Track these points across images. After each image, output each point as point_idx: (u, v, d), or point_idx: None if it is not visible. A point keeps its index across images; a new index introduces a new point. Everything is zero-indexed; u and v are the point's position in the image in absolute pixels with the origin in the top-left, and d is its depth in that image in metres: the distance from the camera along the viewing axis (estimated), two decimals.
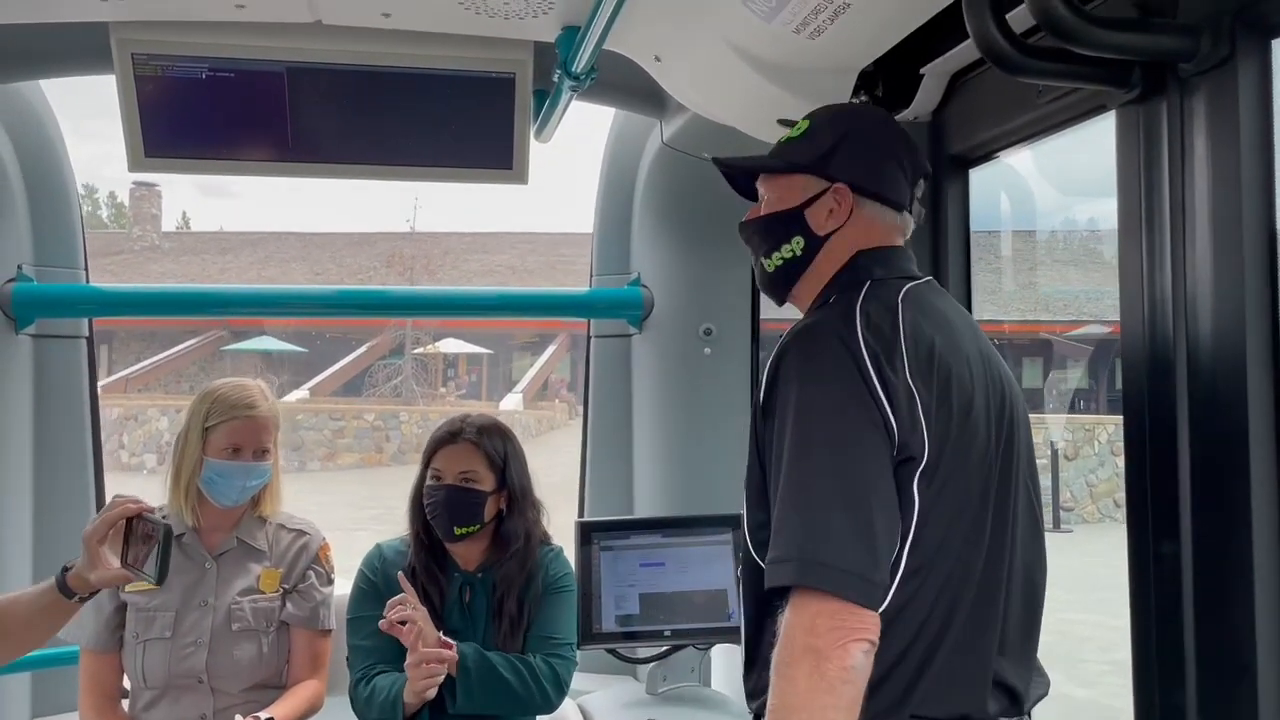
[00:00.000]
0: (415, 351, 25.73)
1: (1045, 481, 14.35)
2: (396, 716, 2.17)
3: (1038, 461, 1.59)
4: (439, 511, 2.30)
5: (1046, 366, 20.85)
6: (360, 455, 20.52)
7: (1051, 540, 1.55)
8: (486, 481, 2.31)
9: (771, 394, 1.39)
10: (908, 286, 1.47)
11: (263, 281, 26.50)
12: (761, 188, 1.64)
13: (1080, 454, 15.20)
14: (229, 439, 2.30)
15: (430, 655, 2.12)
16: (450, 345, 26.66)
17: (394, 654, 2.26)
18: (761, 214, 1.61)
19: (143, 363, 26.39)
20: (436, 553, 2.36)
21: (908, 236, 1.61)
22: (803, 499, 1.30)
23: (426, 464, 2.37)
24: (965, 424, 1.36)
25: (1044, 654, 1.54)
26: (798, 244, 1.56)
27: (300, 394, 24.30)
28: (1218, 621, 1.36)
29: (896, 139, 1.59)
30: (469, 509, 2.29)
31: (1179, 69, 1.40)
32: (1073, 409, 18.65)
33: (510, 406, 23.30)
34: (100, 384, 2.94)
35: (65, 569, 1.82)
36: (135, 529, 1.83)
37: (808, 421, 1.32)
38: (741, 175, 1.68)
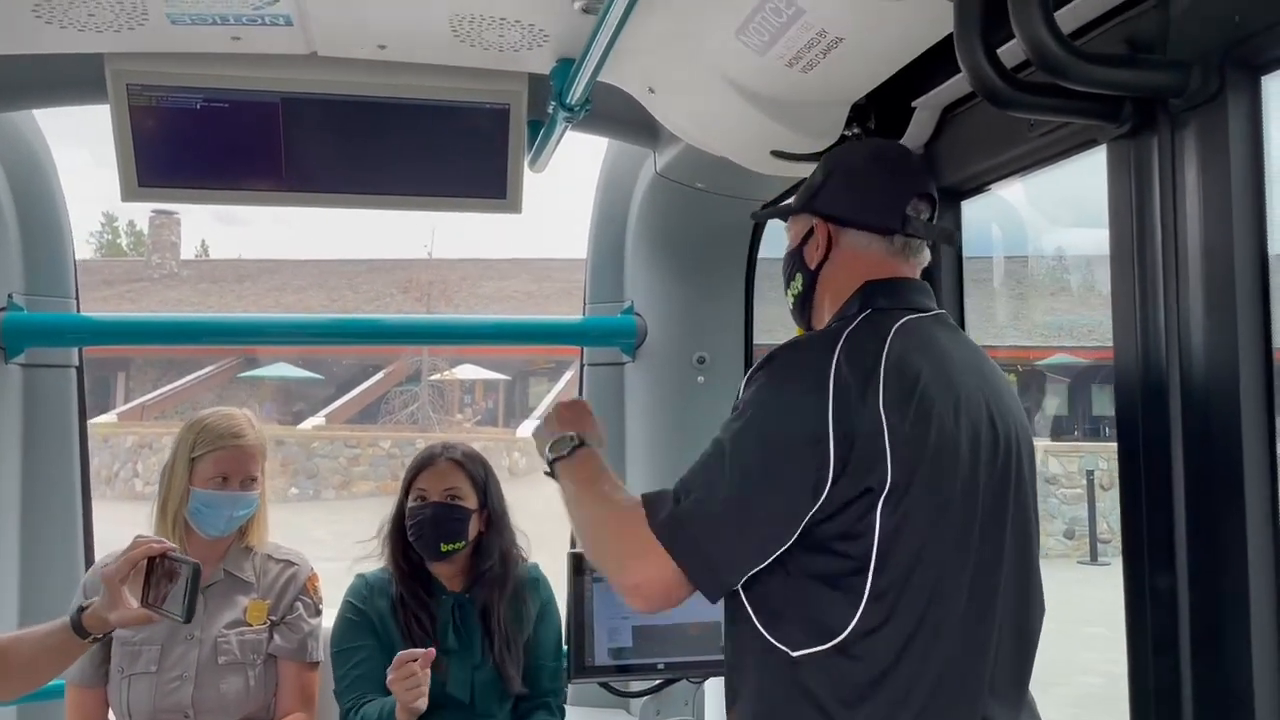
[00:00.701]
0: (431, 378, 25.57)
1: (1079, 512, 14.18)
2: None
3: (1073, 490, 1.60)
4: (425, 530, 2.31)
5: (1073, 393, 20.88)
6: (376, 484, 20.26)
7: (1087, 574, 1.56)
8: (470, 499, 2.36)
9: (738, 396, 1.47)
10: (908, 318, 1.50)
11: (279, 308, 26.53)
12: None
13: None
14: (216, 468, 2.29)
15: (406, 657, 2.13)
16: (467, 371, 26.52)
17: (383, 684, 2.25)
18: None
19: (159, 390, 26.31)
20: (421, 578, 2.37)
21: (919, 259, 1.63)
22: (709, 476, 1.39)
23: (407, 489, 2.39)
24: (941, 457, 1.37)
25: (1094, 700, 1.53)
26: (799, 280, 1.66)
27: (316, 421, 24.19)
28: (1214, 654, 1.36)
29: (882, 166, 1.62)
30: (455, 525, 2.33)
31: (1169, 104, 1.41)
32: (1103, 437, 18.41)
33: (527, 433, 23.11)
34: (117, 411, 2.94)
35: (80, 609, 1.83)
36: (156, 568, 1.85)
37: (752, 419, 1.40)
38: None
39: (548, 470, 1.71)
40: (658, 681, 2.71)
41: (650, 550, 1.37)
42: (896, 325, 1.46)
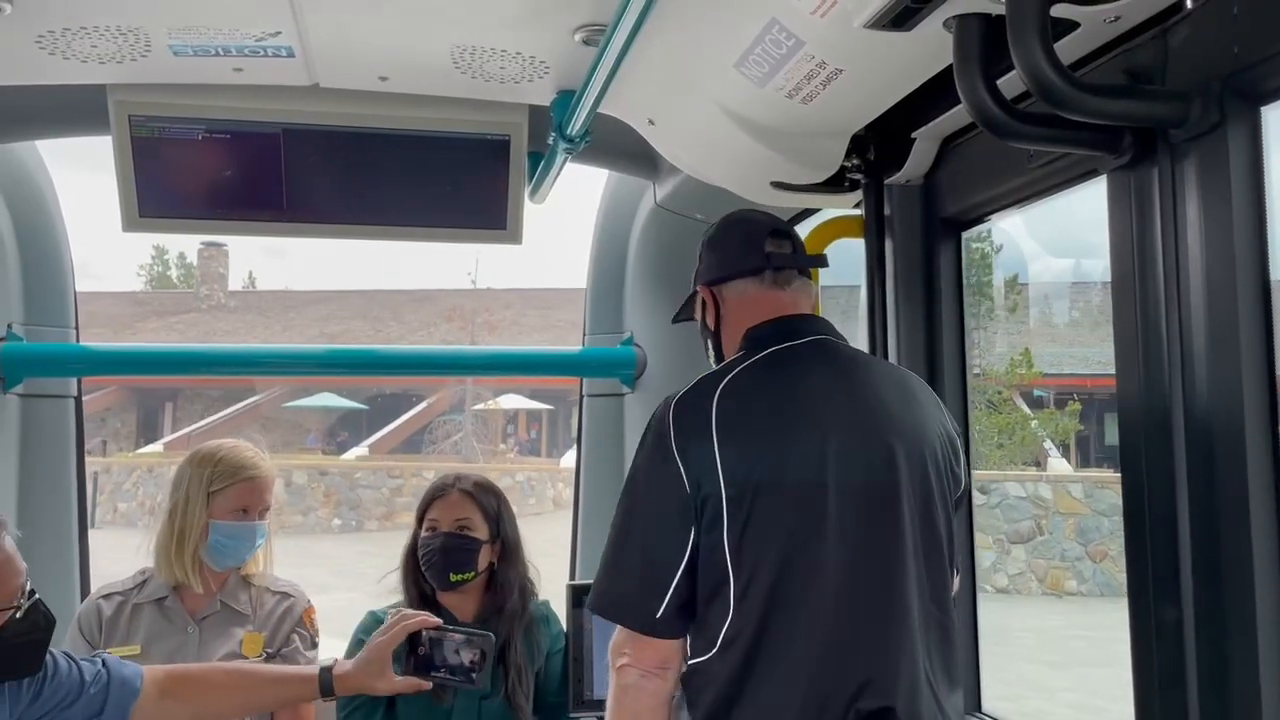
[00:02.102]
0: (475, 408, 25.48)
1: None
2: None
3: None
4: (435, 560, 2.30)
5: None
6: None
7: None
8: (481, 530, 2.34)
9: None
10: (767, 352, 1.69)
11: (324, 339, 26.71)
12: None
13: None
14: (238, 500, 2.29)
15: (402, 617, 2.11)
16: (511, 401, 26.44)
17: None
18: None
19: (206, 419, 26.35)
20: (433, 608, 2.35)
21: (796, 286, 1.79)
22: (607, 547, 1.66)
23: (420, 519, 2.38)
24: (783, 472, 1.55)
25: None
26: (710, 346, 1.89)
27: (360, 451, 24.16)
28: (1222, 687, 1.34)
29: (734, 224, 1.87)
30: (464, 555, 2.31)
31: (1170, 135, 1.42)
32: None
33: (572, 463, 23.05)
34: (163, 441, 2.94)
35: (327, 670, 1.96)
36: (421, 639, 2.01)
37: (626, 483, 1.68)
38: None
39: None
40: None
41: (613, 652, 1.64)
42: (746, 363, 1.67)
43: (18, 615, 1.58)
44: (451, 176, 2.46)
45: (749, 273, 1.79)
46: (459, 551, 2.31)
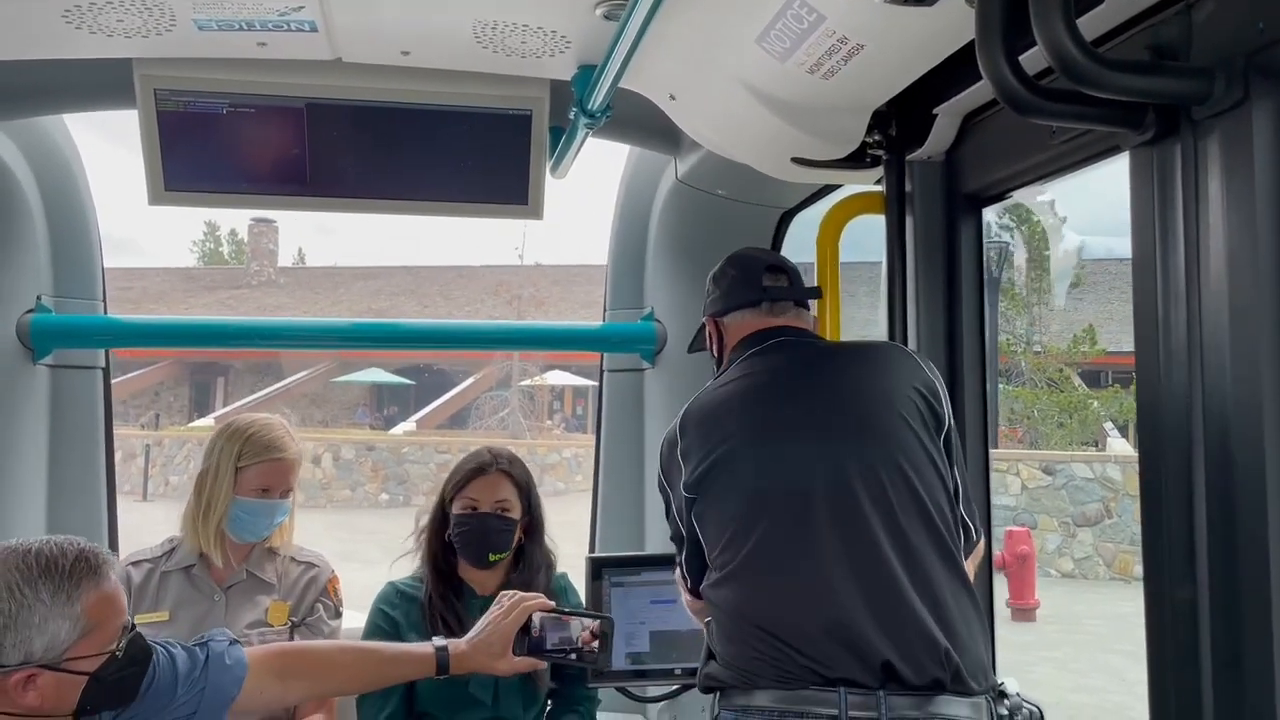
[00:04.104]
0: (522, 384, 25.50)
1: None
2: None
3: None
4: (474, 540, 2.34)
5: None
6: None
7: None
8: (516, 510, 2.38)
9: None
10: (741, 357, 1.97)
11: (372, 314, 26.97)
12: None
13: None
14: (261, 480, 2.33)
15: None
16: (557, 378, 26.48)
17: (403, 702, 2.29)
18: None
19: (256, 394, 26.65)
20: (453, 582, 2.38)
21: (791, 314, 2.02)
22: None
23: (454, 494, 2.39)
24: (725, 457, 1.81)
25: None
26: (716, 368, 2.11)
27: (407, 426, 24.30)
28: (1236, 668, 1.34)
29: (735, 261, 2.09)
30: (503, 536, 2.36)
31: (1193, 111, 1.40)
32: None
33: None
34: (215, 415, 2.99)
35: (441, 649, 2.00)
36: (532, 620, 2.08)
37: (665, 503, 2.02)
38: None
39: None
40: (674, 687, 2.71)
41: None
42: (721, 370, 2.02)
43: (118, 655, 1.58)
44: (473, 151, 2.47)
45: (748, 304, 2.03)
46: (499, 533, 2.35)
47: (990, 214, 2.30)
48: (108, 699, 1.61)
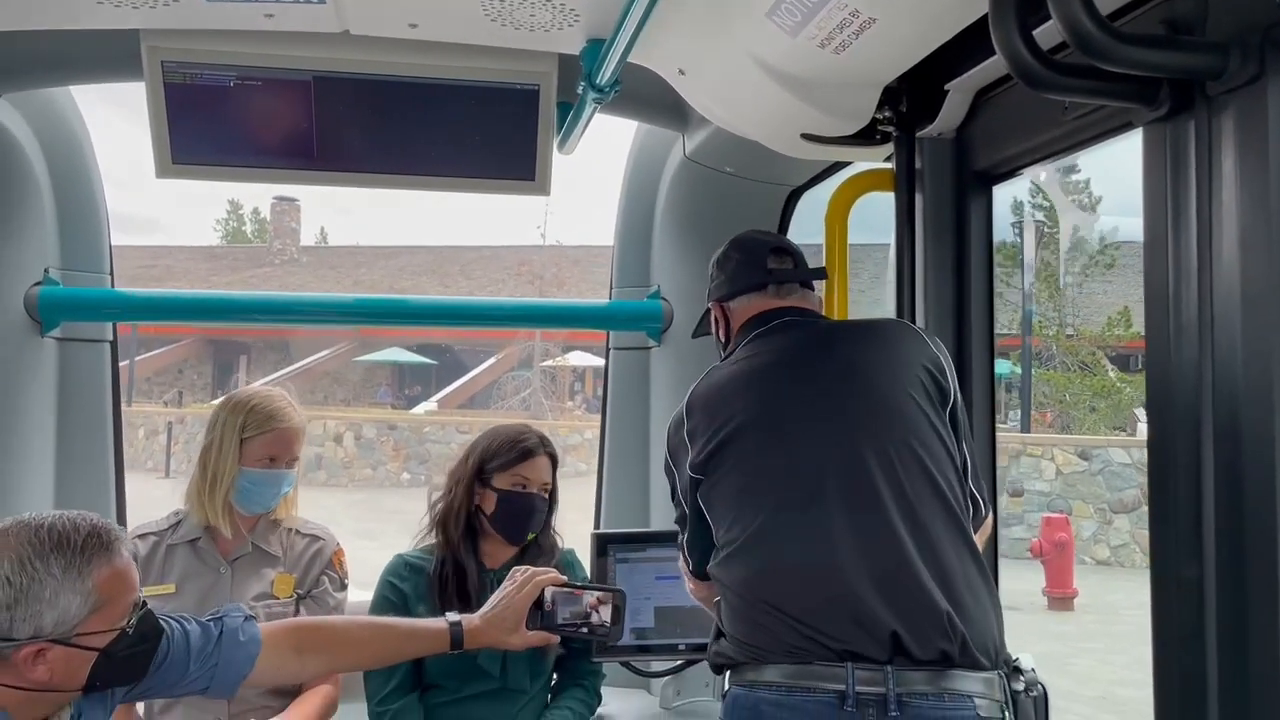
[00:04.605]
0: (544, 364, 25.40)
1: None
2: None
3: None
4: (519, 517, 2.38)
5: None
6: None
7: None
8: (547, 492, 2.45)
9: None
10: (746, 338, 1.98)
11: (394, 293, 26.93)
12: None
13: None
14: (266, 450, 2.34)
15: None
16: (578, 358, 26.42)
17: (411, 674, 2.31)
18: None
19: (278, 372, 26.79)
20: (470, 555, 2.39)
21: (796, 296, 2.03)
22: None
23: (499, 470, 2.39)
24: (732, 436, 1.82)
25: None
26: (721, 354, 2.10)
27: (429, 405, 24.32)
28: (1241, 646, 1.34)
29: (738, 244, 2.09)
30: (541, 516, 2.43)
31: (1207, 87, 1.39)
32: None
33: None
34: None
35: (455, 624, 2.00)
36: (545, 594, 2.08)
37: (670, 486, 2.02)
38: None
39: None
40: (678, 662, 2.73)
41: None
42: (726, 354, 2.03)
43: (128, 632, 1.59)
44: (480, 126, 2.46)
45: (753, 288, 2.03)
46: (540, 513, 2.41)
47: (1025, 194, 2.30)
48: (117, 675, 1.61)
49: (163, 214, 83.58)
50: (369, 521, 12.65)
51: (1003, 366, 21.65)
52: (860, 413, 1.77)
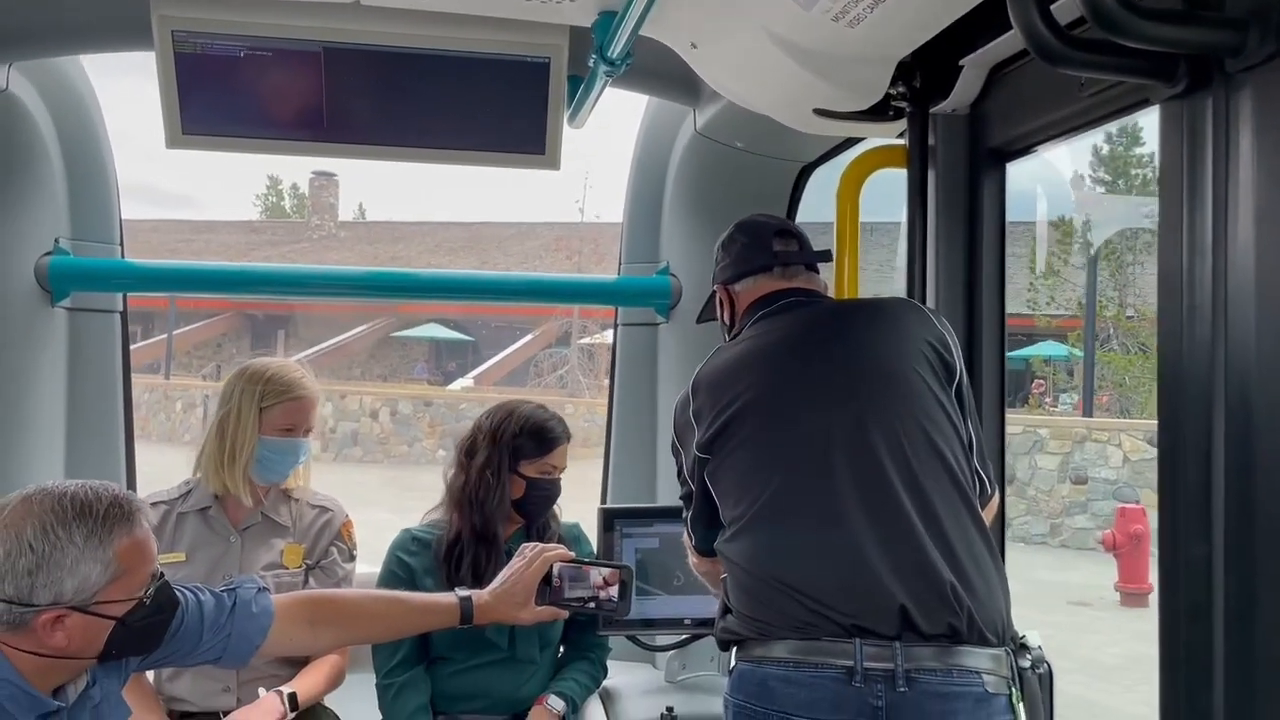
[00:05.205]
0: (581, 341, 25.16)
1: None
2: None
3: None
4: (547, 503, 2.47)
5: None
6: None
7: None
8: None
9: None
10: (752, 319, 1.98)
11: (431, 269, 27.03)
12: None
13: None
14: (286, 419, 2.36)
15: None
16: None
17: (418, 645, 2.32)
18: None
19: (316, 347, 26.81)
20: (484, 534, 2.41)
21: (803, 278, 2.03)
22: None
23: (533, 458, 2.42)
24: (738, 415, 1.81)
25: None
26: (726, 337, 2.10)
27: (465, 382, 24.25)
28: (1248, 621, 1.35)
29: (744, 227, 2.10)
30: (555, 499, 2.50)
31: (1225, 64, 1.37)
32: None
33: None
34: None
35: (465, 599, 2.01)
36: (553, 570, 2.10)
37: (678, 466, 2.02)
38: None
39: None
40: (684, 637, 2.74)
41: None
42: (732, 333, 2.04)
43: (145, 602, 1.60)
44: (490, 99, 2.44)
45: (759, 270, 2.03)
46: (558, 496, 2.48)
47: (1086, 167, 2.26)
48: (133, 645, 1.63)
49: (196, 190, 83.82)
50: (405, 498, 12.69)
51: (1058, 349, 21.44)
52: (867, 390, 1.77)
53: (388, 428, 20.17)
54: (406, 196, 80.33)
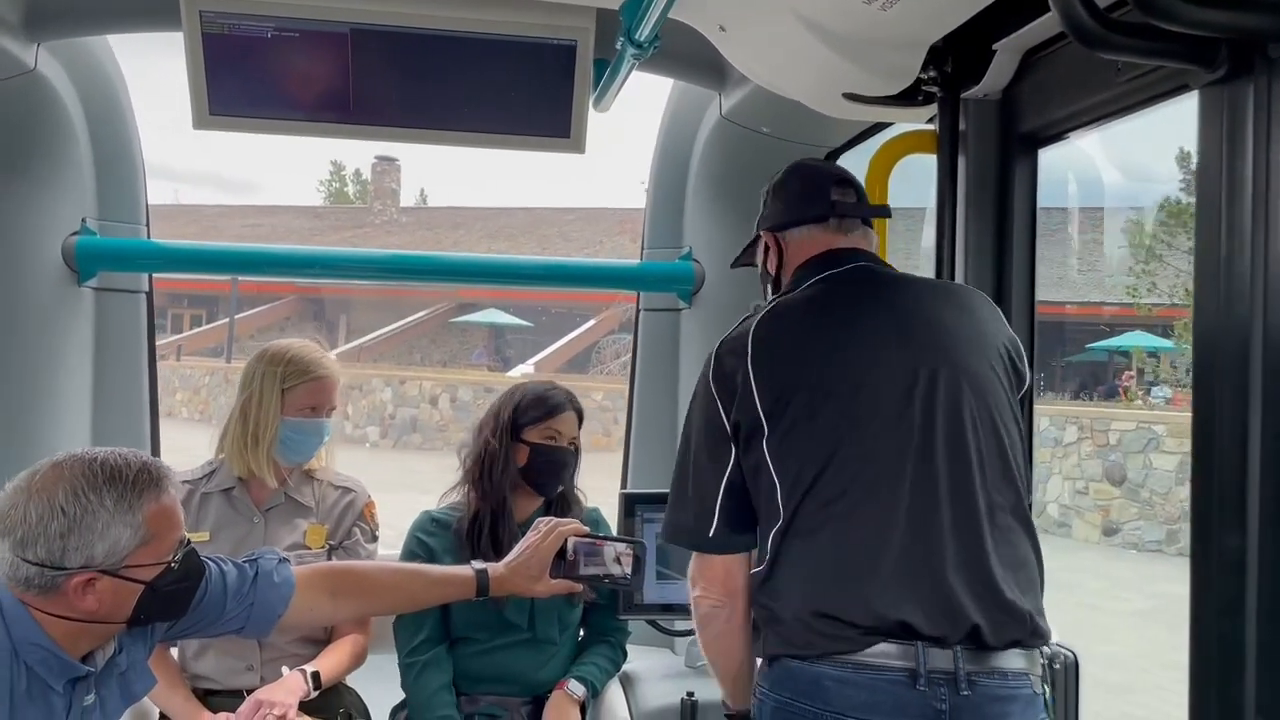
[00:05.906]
0: None
1: None
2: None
3: None
4: (555, 470, 2.43)
5: None
6: (586, 438, 19.42)
7: None
8: (575, 446, 2.48)
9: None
10: (810, 281, 1.79)
11: (490, 254, 27.14)
12: None
13: None
14: (308, 399, 2.37)
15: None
16: None
17: (440, 625, 2.33)
18: None
19: (376, 332, 26.97)
20: (500, 507, 2.41)
21: (858, 234, 1.87)
22: (672, 482, 1.83)
23: (531, 425, 2.41)
24: (821, 380, 1.65)
25: None
26: (769, 290, 1.96)
27: (525, 368, 24.00)
28: None
29: (800, 171, 1.93)
30: (571, 470, 2.47)
31: (1268, 49, 1.35)
32: None
33: None
34: (334, 352, 3.00)
35: (481, 571, 2.04)
36: (567, 544, 2.11)
37: (685, 423, 1.83)
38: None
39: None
40: None
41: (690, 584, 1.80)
42: (785, 297, 1.81)
43: (173, 567, 1.62)
44: (516, 82, 2.44)
45: (813, 219, 1.86)
46: (570, 466, 2.45)
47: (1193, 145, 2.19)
48: (161, 610, 1.65)
49: (258, 177, 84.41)
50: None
51: (1146, 339, 20.88)
52: (953, 383, 1.65)
53: (447, 414, 19.82)
54: (470, 182, 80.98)
